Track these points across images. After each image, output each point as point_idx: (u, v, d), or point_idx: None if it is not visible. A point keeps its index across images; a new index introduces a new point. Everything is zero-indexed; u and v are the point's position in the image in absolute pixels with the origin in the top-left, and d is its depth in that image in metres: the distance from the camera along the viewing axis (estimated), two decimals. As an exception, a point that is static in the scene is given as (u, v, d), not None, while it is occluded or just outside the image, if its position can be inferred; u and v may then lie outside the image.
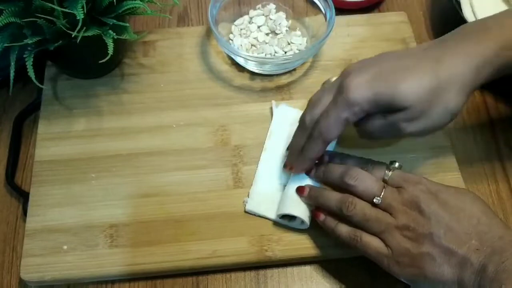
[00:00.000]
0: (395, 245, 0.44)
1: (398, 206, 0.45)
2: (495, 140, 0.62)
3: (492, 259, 0.40)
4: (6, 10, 0.50)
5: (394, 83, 0.44)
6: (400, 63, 0.46)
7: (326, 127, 0.47)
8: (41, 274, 0.50)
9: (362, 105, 0.45)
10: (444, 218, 0.43)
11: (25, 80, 0.60)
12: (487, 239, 0.42)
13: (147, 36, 0.67)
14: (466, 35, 0.46)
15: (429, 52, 0.46)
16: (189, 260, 0.51)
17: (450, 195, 0.45)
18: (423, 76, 0.44)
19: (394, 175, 0.47)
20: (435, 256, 0.42)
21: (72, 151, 0.57)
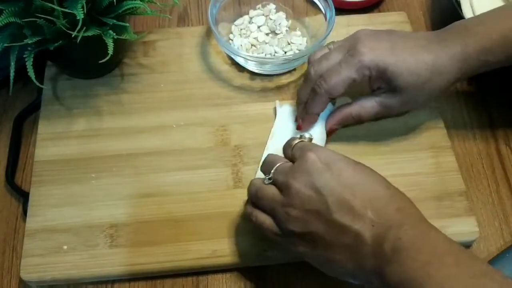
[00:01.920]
0: (281, 224, 0.42)
1: (286, 180, 0.41)
2: (495, 139, 0.62)
3: (388, 235, 0.37)
4: (6, 10, 0.50)
5: (401, 64, 0.49)
6: (407, 46, 0.50)
7: (334, 84, 0.50)
8: (41, 274, 0.50)
9: (372, 70, 0.49)
10: (336, 191, 0.39)
11: (25, 80, 0.59)
12: (383, 213, 0.38)
13: (147, 36, 0.67)
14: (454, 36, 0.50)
15: (428, 44, 0.50)
16: (189, 260, 0.51)
17: (345, 166, 0.41)
18: (422, 68, 0.49)
19: (296, 147, 0.44)
20: (324, 234, 0.39)
21: (72, 151, 0.57)
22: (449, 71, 0.50)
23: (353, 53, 0.50)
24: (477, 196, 0.58)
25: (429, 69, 0.49)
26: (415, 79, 0.49)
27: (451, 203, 0.54)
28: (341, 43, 0.53)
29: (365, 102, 0.53)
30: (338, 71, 0.50)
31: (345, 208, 0.39)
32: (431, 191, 0.55)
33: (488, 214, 0.57)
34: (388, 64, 0.49)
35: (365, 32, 0.52)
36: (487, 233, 0.55)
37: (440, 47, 0.50)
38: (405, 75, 0.49)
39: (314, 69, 0.52)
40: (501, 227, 0.56)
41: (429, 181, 0.55)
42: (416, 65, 0.49)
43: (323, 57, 0.52)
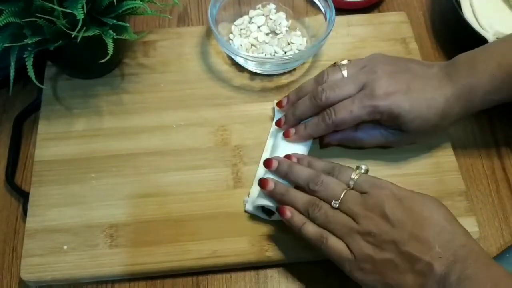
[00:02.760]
0: (357, 250, 0.44)
1: (360, 211, 0.45)
2: (495, 140, 0.62)
3: (454, 267, 0.40)
4: (6, 10, 0.50)
5: (414, 111, 0.49)
6: (421, 88, 0.50)
7: (343, 119, 0.51)
8: (41, 274, 0.50)
9: (384, 115, 0.50)
10: (408, 224, 0.43)
11: (25, 80, 0.60)
12: (450, 247, 0.41)
13: (147, 36, 0.67)
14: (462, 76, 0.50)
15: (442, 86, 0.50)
16: (189, 260, 0.51)
17: (415, 201, 0.44)
18: (435, 115, 0.50)
19: (360, 180, 0.47)
20: (398, 263, 0.42)
21: (72, 151, 0.57)
22: (456, 113, 0.51)
23: (368, 93, 0.50)
24: (477, 196, 0.58)
25: (439, 114, 0.50)
26: (425, 124, 0.50)
27: (451, 203, 0.54)
28: (357, 72, 0.52)
29: (371, 131, 0.53)
30: (350, 109, 0.50)
31: (416, 241, 0.42)
32: (431, 191, 0.54)
33: (488, 214, 0.57)
34: (401, 110, 0.49)
35: (383, 63, 0.52)
36: (487, 233, 0.55)
37: (449, 89, 0.50)
38: (416, 121, 0.50)
39: (326, 95, 0.51)
40: (501, 227, 0.56)
41: (429, 181, 0.55)
42: (428, 111, 0.50)
43: (335, 85, 0.52)
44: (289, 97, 0.56)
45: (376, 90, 0.50)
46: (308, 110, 0.53)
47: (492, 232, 0.55)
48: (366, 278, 0.44)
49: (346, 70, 0.53)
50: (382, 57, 0.54)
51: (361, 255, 0.44)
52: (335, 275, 0.52)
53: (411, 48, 0.66)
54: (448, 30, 0.71)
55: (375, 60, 0.53)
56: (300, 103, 0.54)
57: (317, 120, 0.52)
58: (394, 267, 0.42)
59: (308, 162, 0.51)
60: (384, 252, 0.43)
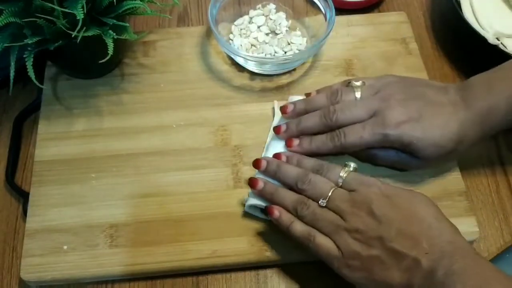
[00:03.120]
0: (344, 247, 0.44)
1: (347, 208, 0.45)
2: (495, 140, 0.62)
3: (441, 262, 0.40)
4: (6, 10, 0.50)
5: (427, 139, 0.49)
6: (434, 115, 0.49)
7: (352, 144, 0.50)
8: (41, 274, 0.50)
9: (395, 144, 0.50)
10: (395, 221, 0.43)
11: (25, 80, 0.59)
12: (436, 243, 0.41)
13: (147, 36, 0.67)
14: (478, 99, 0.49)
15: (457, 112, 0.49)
16: (189, 260, 0.51)
17: (403, 198, 0.45)
18: (448, 141, 0.49)
19: (348, 178, 0.47)
20: (384, 259, 0.42)
21: (72, 151, 0.57)
22: (473, 137, 0.50)
23: (379, 121, 0.49)
24: (477, 196, 0.58)
25: (454, 140, 0.49)
26: (440, 150, 0.50)
27: (451, 203, 0.54)
28: (370, 97, 0.52)
29: (387, 149, 0.51)
30: (361, 135, 0.50)
31: (403, 237, 0.42)
32: (431, 191, 0.55)
33: (488, 214, 0.57)
34: (413, 138, 0.49)
35: (396, 90, 0.51)
36: (487, 233, 0.55)
37: (465, 114, 0.49)
38: (429, 148, 0.49)
39: (337, 117, 0.51)
40: (501, 227, 0.56)
41: (429, 181, 0.55)
42: (441, 138, 0.49)
43: (347, 107, 0.51)
44: (295, 105, 0.55)
45: (388, 119, 0.49)
46: (315, 127, 0.52)
47: (492, 232, 0.55)
48: (353, 275, 0.44)
49: (360, 92, 0.52)
50: (396, 82, 0.53)
51: (348, 252, 0.44)
52: (334, 275, 0.52)
53: (411, 48, 0.66)
54: (448, 30, 0.71)
55: (389, 86, 0.52)
56: (308, 117, 0.53)
57: (325, 138, 0.51)
58: (381, 264, 0.42)
59: (297, 160, 0.51)
60: (371, 248, 0.43)
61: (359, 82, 0.53)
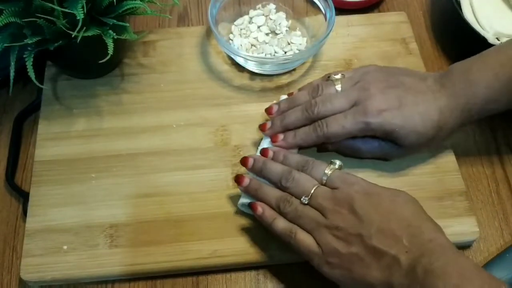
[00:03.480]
0: (325, 244, 0.44)
1: (329, 205, 0.45)
2: (495, 140, 0.62)
3: (421, 260, 0.40)
4: (6, 10, 0.50)
5: (408, 126, 0.49)
6: (415, 102, 0.50)
7: (334, 133, 0.51)
8: (41, 274, 0.50)
9: (377, 132, 0.50)
10: (375, 219, 0.43)
11: (25, 80, 0.60)
12: (416, 242, 0.41)
13: (147, 36, 0.67)
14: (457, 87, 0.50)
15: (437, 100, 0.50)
16: (189, 260, 0.51)
17: (384, 197, 0.45)
18: (429, 129, 0.50)
19: (333, 175, 0.47)
20: (364, 257, 0.42)
21: (72, 151, 0.57)
22: (453, 124, 0.51)
23: (360, 110, 0.50)
24: (477, 196, 0.58)
25: (434, 127, 0.50)
26: (421, 137, 0.50)
27: (451, 203, 0.54)
28: (350, 88, 0.52)
29: (370, 141, 0.52)
30: (342, 124, 0.50)
31: (383, 235, 0.43)
32: (431, 191, 0.55)
33: (488, 214, 0.57)
34: (394, 126, 0.49)
35: (375, 79, 0.52)
36: (487, 233, 0.55)
37: (444, 101, 0.50)
38: (411, 135, 0.50)
39: (318, 109, 0.52)
40: (501, 227, 0.56)
41: (429, 181, 0.55)
42: (422, 125, 0.49)
43: (328, 99, 0.52)
44: (280, 105, 0.56)
45: (369, 107, 0.50)
46: (298, 121, 0.53)
47: (492, 232, 0.55)
48: (333, 272, 0.44)
49: (340, 84, 0.53)
50: (375, 71, 0.53)
51: (328, 249, 0.44)
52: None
53: (411, 48, 0.66)
54: (448, 30, 0.71)
55: (368, 76, 0.53)
56: (291, 112, 0.54)
57: (308, 129, 0.52)
58: (361, 261, 0.43)
59: (284, 156, 0.52)
60: (351, 246, 0.43)
61: (338, 75, 0.54)
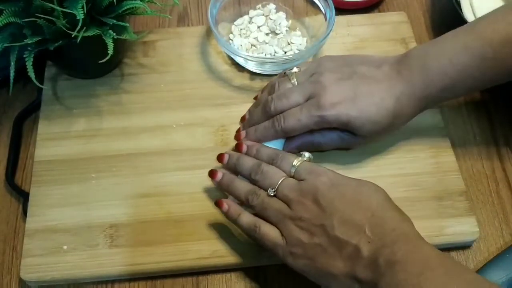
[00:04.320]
0: (288, 235, 0.45)
1: (295, 197, 0.45)
2: (495, 140, 0.62)
3: (383, 251, 0.40)
4: (6, 10, 0.50)
5: (363, 116, 0.50)
6: (370, 92, 0.50)
7: (292, 127, 0.51)
8: (41, 274, 0.50)
9: (332, 123, 0.50)
10: (339, 209, 0.43)
11: (25, 80, 0.60)
12: (379, 232, 0.41)
13: (147, 36, 0.67)
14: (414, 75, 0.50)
15: (392, 87, 0.50)
16: (189, 260, 0.51)
17: (350, 187, 0.45)
18: (385, 116, 0.50)
19: (300, 167, 0.48)
20: (326, 247, 0.43)
21: (72, 151, 0.57)
22: (410, 112, 0.51)
23: (314, 103, 0.50)
24: (477, 196, 0.58)
25: (390, 115, 0.50)
26: (377, 126, 0.51)
27: (451, 203, 0.54)
28: (305, 81, 0.53)
29: (328, 134, 0.53)
30: (298, 117, 0.51)
31: (345, 225, 0.43)
32: (431, 191, 0.55)
33: (488, 214, 0.56)
34: (350, 117, 0.50)
35: (329, 71, 0.52)
36: (487, 233, 0.55)
37: (400, 88, 0.50)
38: (366, 125, 0.50)
39: (274, 105, 0.53)
40: (501, 227, 0.56)
41: (429, 181, 0.55)
42: (377, 113, 0.50)
43: (283, 94, 0.53)
44: (249, 110, 0.59)
45: (322, 101, 0.50)
46: (259, 119, 0.55)
47: (492, 232, 0.55)
48: (297, 263, 0.44)
49: (296, 79, 0.54)
50: (329, 62, 0.54)
51: (292, 239, 0.44)
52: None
53: (411, 48, 0.66)
54: (448, 30, 0.70)
55: (322, 67, 0.53)
56: (253, 111, 0.57)
57: (267, 124, 0.53)
58: (324, 252, 0.43)
59: (256, 150, 0.52)
60: (314, 237, 0.43)
61: (294, 69, 0.55)
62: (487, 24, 0.48)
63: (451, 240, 0.52)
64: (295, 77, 0.54)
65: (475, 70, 0.48)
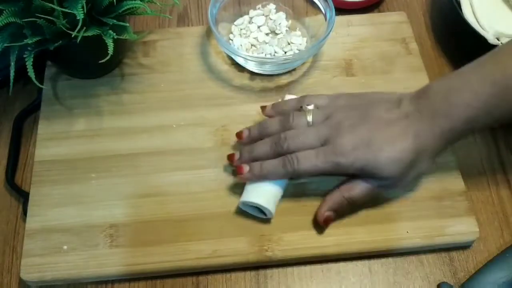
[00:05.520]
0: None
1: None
2: (495, 141, 0.62)
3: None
4: (6, 10, 0.50)
5: (382, 157, 0.48)
6: (386, 135, 0.49)
7: (306, 171, 0.50)
8: (41, 274, 0.50)
9: (348, 169, 0.49)
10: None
11: (25, 80, 0.60)
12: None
13: (147, 36, 0.67)
14: (436, 109, 0.48)
15: (410, 125, 0.49)
16: (189, 260, 0.51)
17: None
18: (404, 153, 0.48)
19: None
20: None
21: (72, 151, 0.57)
22: (433, 147, 0.49)
23: (330, 149, 0.49)
24: (477, 196, 0.58)
25: (409, 150, 0.48)
26: (396, 166, 0.48)
27: (451, 203, 0.54)
28: (321, 123, 0.51)
29: (356, 185, 0.50)
30: (314, 163, 0.49)
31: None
32: (431, 191, 0.55)
33: (488, 214, 0.57)
34: (365, 162, 0.48)
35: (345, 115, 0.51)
36: (487, 233, 0.55)
37: (419, 125, 0.48)
38: (385, 167, 0.48)
39: (288, 145, 0.50)
40: (501, 227, 0.56)
41: (429, 181, 0.55)
42: (393, 153, 0.48)
43: (298, 135, 0.51)
44: (250, 131, 0.55)
45: (339, 147, 0.49)
46: (266, 155, 0.52)
47: (492, 232, 0.55)
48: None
49: (312, 116, 0.52)
50: (346, 106, 0.52)
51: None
52: (335, 274, 0.52)
53: (411, 48, 0.66)
54: (448, 30, 0.71)
55: (339, 111, 0.52)
56: (259, 144, 0.53)
57: (277, 163, 0.50)
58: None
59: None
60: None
61: (311, 106, 0.53)
62: (508, 55, 0.47)
63: (451, 240, 0.52)
64: (312, 114, 0.52)
65: (500, 100, 0.46)
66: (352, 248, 0.51)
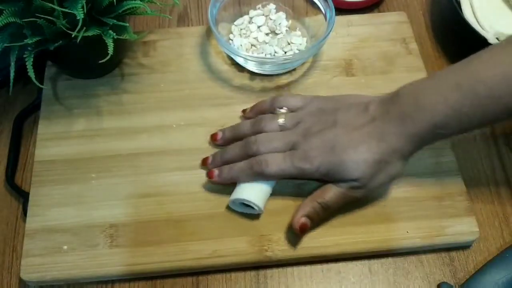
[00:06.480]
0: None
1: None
2: (495, 140, 0.62)
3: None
4: (6, 10, 0.50)
5: (346, 159, 0.48)
6: (351, 138, 0.49)
7: (273, 174, 0.50)
8: (41, 274, 0.50)
9: (314, 174, 0.50)
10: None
11: (25, 80, 0.60)
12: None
13: (147, 36, 0.67)
14: (403, 111, 0.48)
15: (376, 128, 0.49)
16: (189, 260, 0.51)
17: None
18: (368, 154, 0.48)
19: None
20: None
21: (72, 151, 0.57)
22: (402, 149, 0.48)
23: (297, 155, 0.50)
24: (477, 196, 0.58)
25: (375, 153, 0.48)
26: (363, 167, 0.48)
27: (451, 203, 0.54)
28: (290, 128, 0.52)
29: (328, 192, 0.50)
30: (281, 167, 0.50)
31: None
32: (431, 191, 0.55)
33: (488, 214, 0.57)
34: (329, 166, 0.49)
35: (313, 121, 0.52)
36: (487, 233, 0.55)
37: (386, 128, 0.48)
38: (349, 169, 0.48)
39: (257, 148, 0.51)
40: (501, 227, 0.56)
41: (429, 181, 0.55)
42: (357, 155, 0.48)
43: (268, 139, 0.52)
44: (224, 133, 0.57)
45: (303, 153, 0.49)
46: (236, 157, 0.53)
47: (492, 232, 0.55)
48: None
49: (283, 119, 0.53)
50: (316, 110, 0.53)
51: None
52: (335, 274, 0.52)
53: (411, 48, 0.66)
54: (448, 30, 0.71)
55: (309, 118, 0.52)
56: (230, 148, 0.54)
57: (244, 166, 0.51)
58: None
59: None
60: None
61: (283, 109, 0.55)
62: (479, 63, 0.46)
63: (451, 240, 0.52)
64: (283, 118, 0.53)
65: (468, 107, 0.45)
66: (352, 248, 0.52)
